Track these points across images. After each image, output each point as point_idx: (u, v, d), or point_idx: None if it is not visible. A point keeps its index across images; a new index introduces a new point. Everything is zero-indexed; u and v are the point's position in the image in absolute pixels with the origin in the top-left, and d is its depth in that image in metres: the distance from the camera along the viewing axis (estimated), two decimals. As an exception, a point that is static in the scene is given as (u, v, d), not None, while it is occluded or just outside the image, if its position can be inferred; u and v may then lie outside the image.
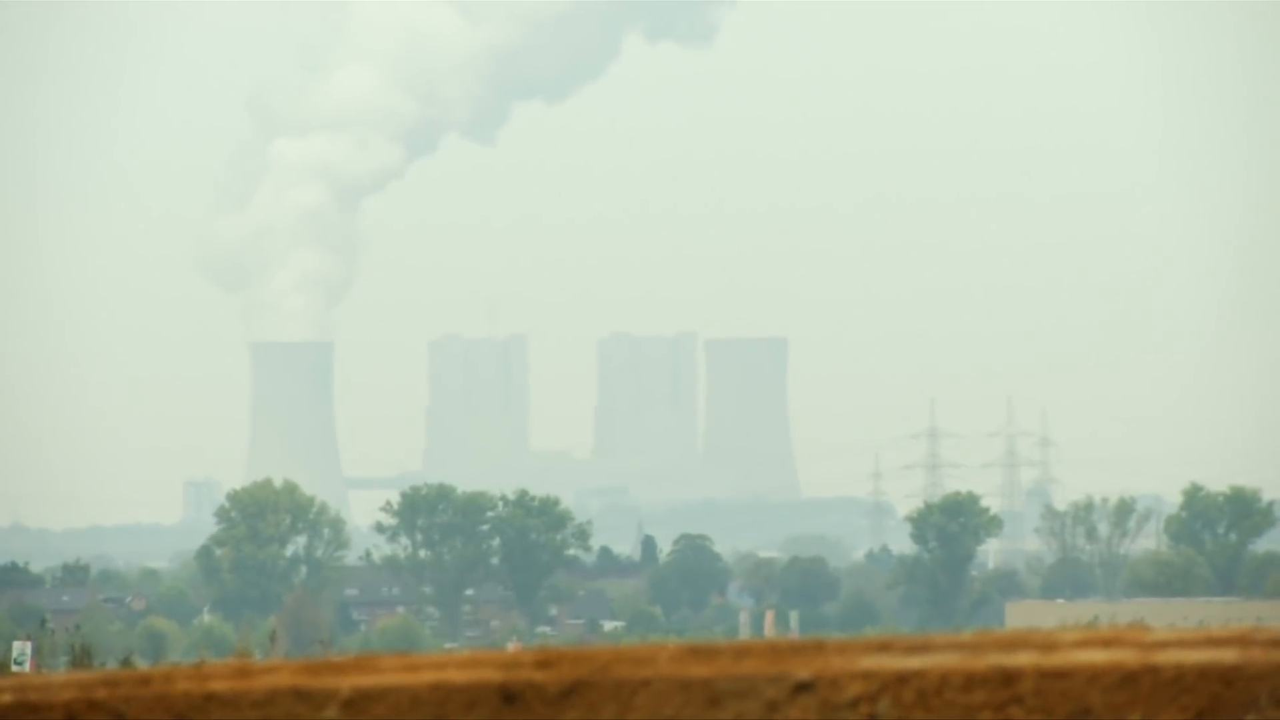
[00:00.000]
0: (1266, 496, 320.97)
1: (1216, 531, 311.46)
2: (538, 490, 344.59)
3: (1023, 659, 17.85)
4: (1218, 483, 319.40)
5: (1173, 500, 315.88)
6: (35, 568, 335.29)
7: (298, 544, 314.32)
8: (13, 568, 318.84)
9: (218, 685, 21.06)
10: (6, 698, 22.03)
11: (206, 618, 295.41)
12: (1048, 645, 19.19)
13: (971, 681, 17.26)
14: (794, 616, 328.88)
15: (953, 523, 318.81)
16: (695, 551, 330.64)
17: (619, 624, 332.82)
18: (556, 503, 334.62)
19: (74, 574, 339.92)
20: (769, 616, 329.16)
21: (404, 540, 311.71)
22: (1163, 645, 18.59)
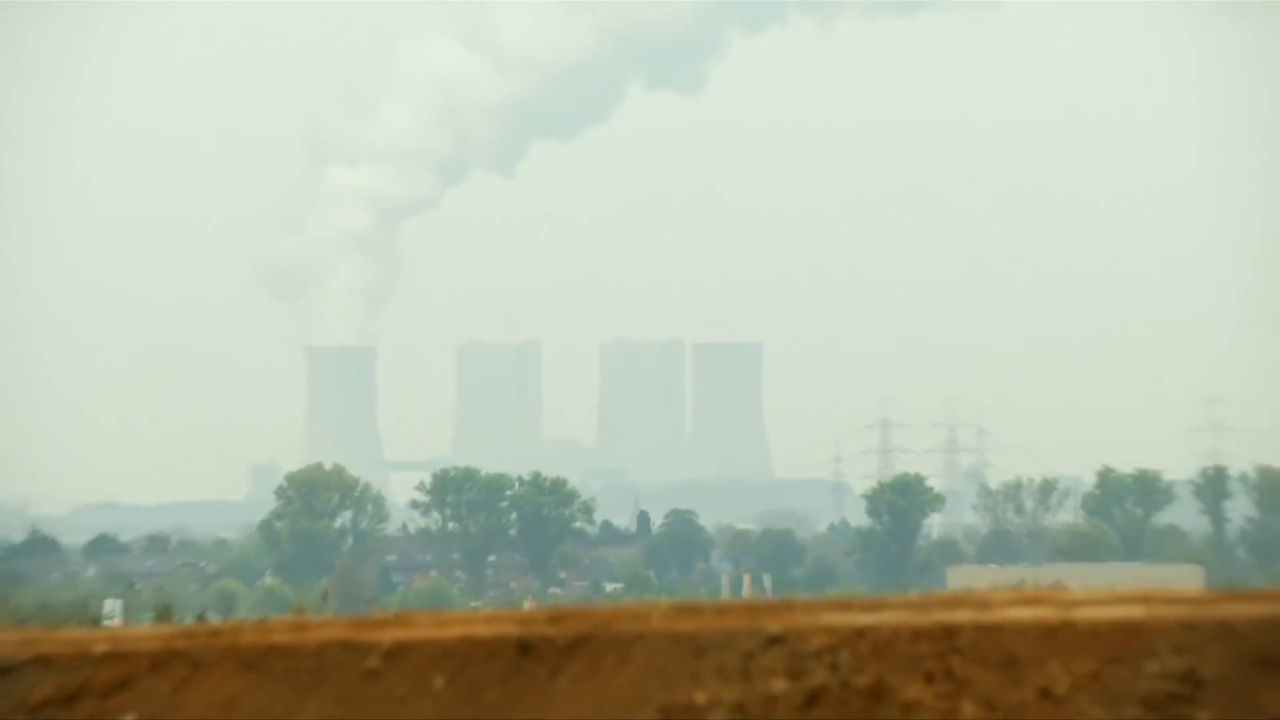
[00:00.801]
0: (1166, 478, 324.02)
1: (1124, 507, 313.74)
2: (549, 472, 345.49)
3: (961, 616, 17.91)
4: (1126, 466, 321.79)
5: (1088, 480, 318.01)
6: (124, 538, 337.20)
7: (345, 518, 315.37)
8: (104, 538, 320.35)
9: (278, 638, 21.16)
10: (101, 647, 22.16)
11: (268, 580, 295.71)
12: (982, 604, 19.28)
13: (918, 635, 17.31)
14: (767, 579, 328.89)
15: (902, 500, 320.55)
16: (683, 524, 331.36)
17: (618, 585, 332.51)
18: (565, 483, 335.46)
19: (157, 543, 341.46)
20: (745, 579, 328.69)
21: (435, 514, 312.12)
22: (1079, 604, 18.67)
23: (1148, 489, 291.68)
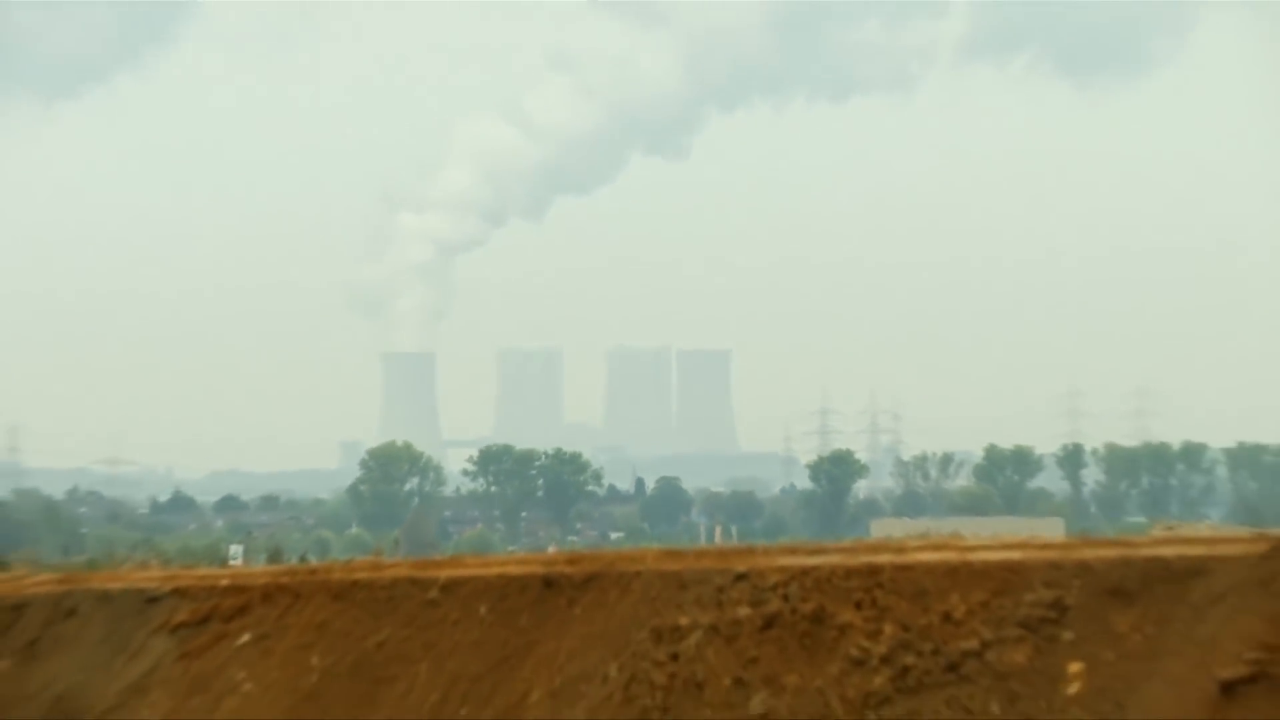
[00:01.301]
0: (1037, 452, 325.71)
1: (1005, 474, 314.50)
2: (568, 448, 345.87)
3: (882, 558, 17.96)
4: (1006, 442, 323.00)
5: (978, 453, 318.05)
6: (244, 498, 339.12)
7: (412, 483, 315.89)
8: (229, 498, 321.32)
9: (360, 575, 21.39)
10: (225, 582, 22.66)
11: (354, 530, 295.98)
12: (898, 549, 19.31)
13: (850, 573, 17.32)
14: (734, 530, 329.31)
15: (836, 469, 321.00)
16: (670, 488, 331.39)
17: (620, 534, 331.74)
18: (579, 456, 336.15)
19: (269, 502, 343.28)
20: (717, 530, 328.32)
21: (481, 480, 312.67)
22: (972, 548, 18.65)
23: (1022, 460, 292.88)
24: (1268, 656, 14.16)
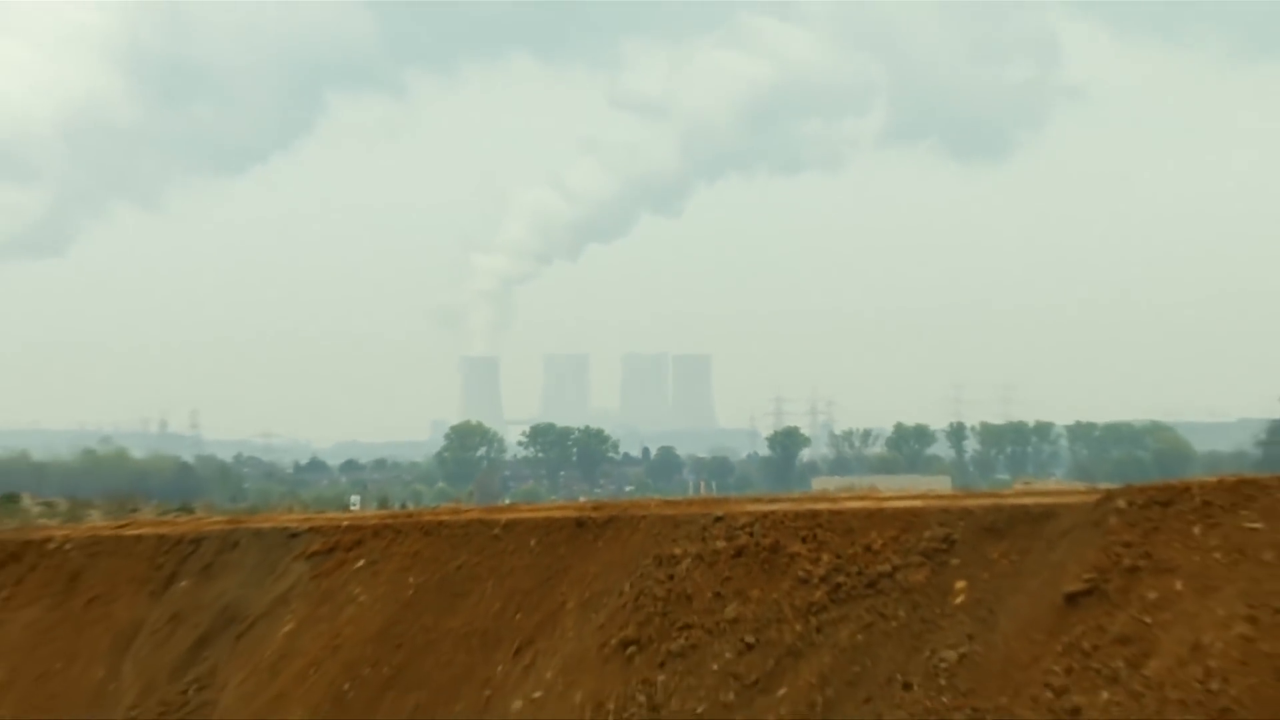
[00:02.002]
0: (932, 428, 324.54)
1: (909, 444, 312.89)
2: (594, 426, 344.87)
3: (821, 505, 18.01)
4: (909, 421, 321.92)
5: (889, 429, 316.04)
6: (361, 461, 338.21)
7: (482, 450, 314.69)
8: (351, 462, 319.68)
9: (444, 517, 21.45)
10: (346, 522, 22.76)
11: (440, 485, 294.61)
12: (832, 499, 19.32)
13: (797, 516, 17.34)
14: (714, 485, 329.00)
15: (787, 440, 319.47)
16: (667, 454, 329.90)
17: (631, 488, 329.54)
18: (602, 431, 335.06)
19: (379, 464, 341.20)
20: (702, 485, 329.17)
21: (531, 449, 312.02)
22: (885, 498, 18.72)
23: (921, 434, 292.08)
24: (1098, 575, 14.15)
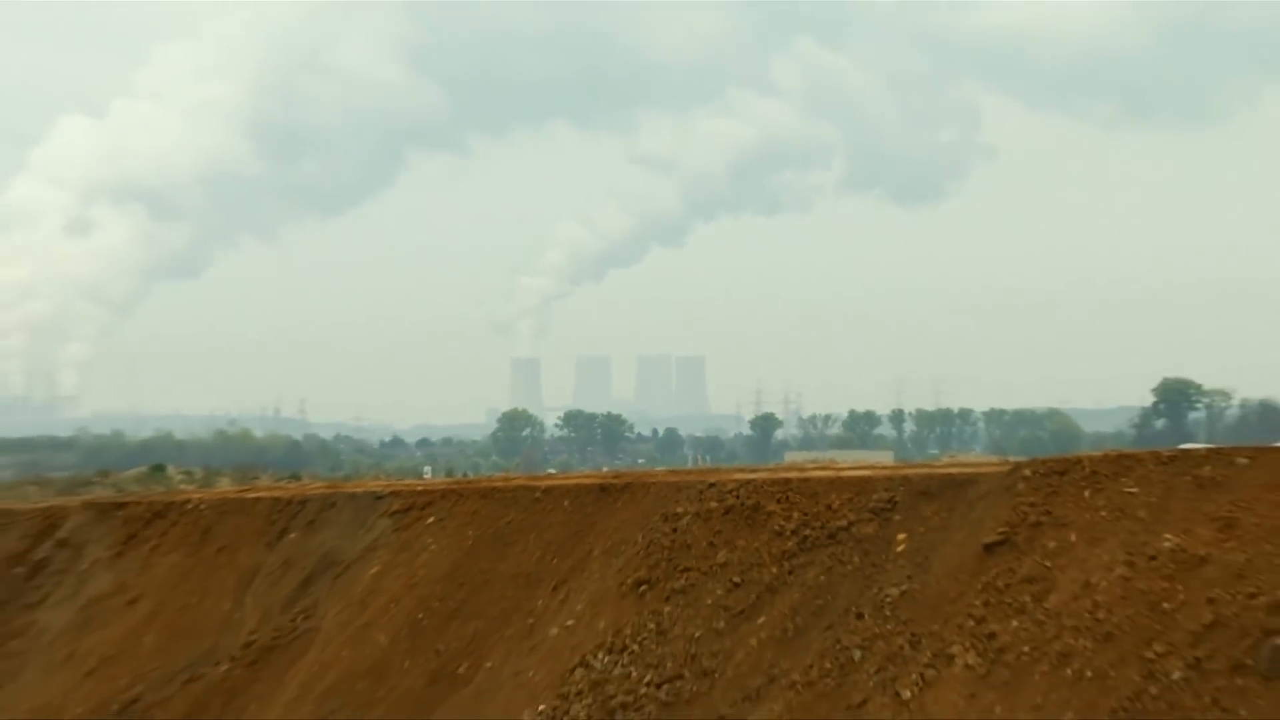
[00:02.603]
0: (878, 412, 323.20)
1: (860, 425, 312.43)
2: (615, 412, 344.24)
3: (791, 474, 18.09)
4: (860, 407, 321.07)
5: (844, 413, 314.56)
6: (433, 439, 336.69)
7: (527, 431, 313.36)
8: (425, 440, 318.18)
9: (497, 483, 21.56)
10: (419, 487, 23.16)
11: (494, 458, 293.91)
12: (800, 469, 19.41)
13: (774, 483, 17.41)
14: (708, 459, 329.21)
15: (765, 423, 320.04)
16: (672, 435, 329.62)
17: (643, 461, 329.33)
18: (620, 416, 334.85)
19: (447, 441, 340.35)
20: (699, 459, 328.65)
21: (566, 430, 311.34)
22: (842, 468, 18.76)
23: (870, 418, 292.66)
24: (1009, 529, 14.21)
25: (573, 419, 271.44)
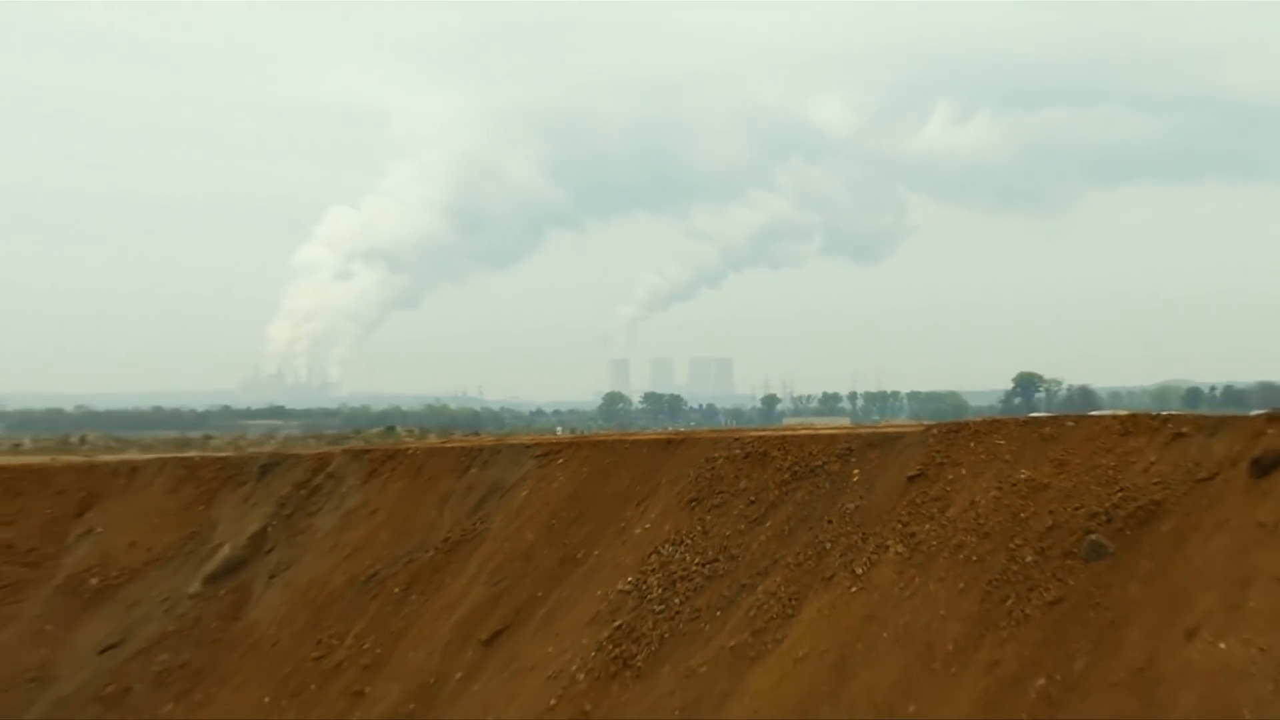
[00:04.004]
0: (840, 394, 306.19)
1: (829, 402, 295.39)
2: (676, 394, 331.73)
3: (785, 433, 17.92)
4: (830, 390, 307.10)
5: (819, 394, 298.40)
6: (562, 410, 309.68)
7: (620, 405, 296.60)
8: (557, 410, 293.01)
9: (600, 438, 21.17)
10: (568, 439, 22.43)
11: (600, 423, 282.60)
12: (792, 429, 19.20)
13: (776, 438, 17.31)
14: (734, 423, 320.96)
15: (770, 400, 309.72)
16: (711, 409, 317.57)
17: (693, 424, 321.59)
18: (679, 396, 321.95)
19: (571, 412, 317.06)
20: (728, 424, 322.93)
21: (644, 405, 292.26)
22: (819, 429, 18.57)
23: (835, 397, 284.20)
24: (923, 466, 14.18)
25: (649, 398, 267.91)
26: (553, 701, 14.96)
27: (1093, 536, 11.86)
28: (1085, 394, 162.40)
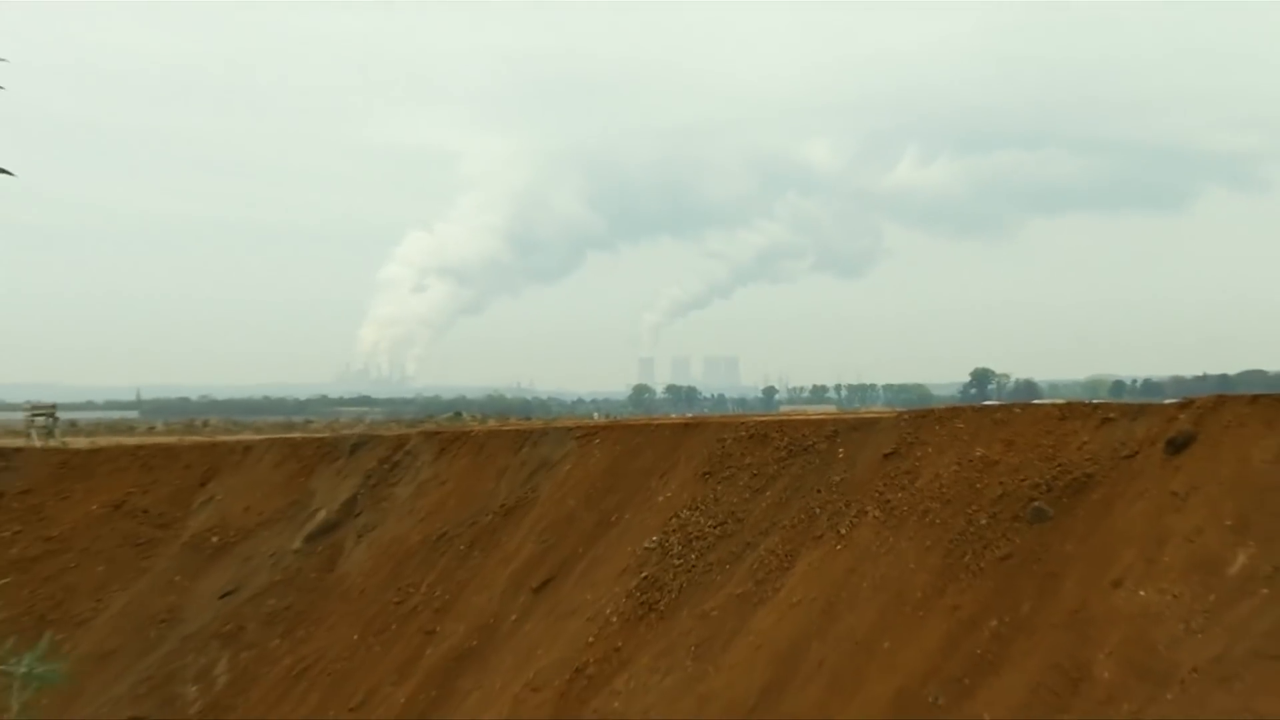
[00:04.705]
0: (827, 385, 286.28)
1: (818, 393, 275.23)
2: (694, 386, 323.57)
3: (783, 418, 17.75)
4: (818, 382, 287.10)
5: (810, 385, 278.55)
6: (598, 399, 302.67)
7: (646, 395, 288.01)
8: (595, 399, 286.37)
9: (629, 421, 21.00)
10: (603, 423, 22.09)
11: (630, 410, 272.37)
12: (789, 415, 19.02)
13: (774, 422, 17.23)
14: (740, 410, 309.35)
15: (770, 391, 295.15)
16: (722, 399, 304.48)
17: (706, 410, 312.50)
18: (694, 388, 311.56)
19: (606, 401, 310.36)
20: (735, 411, 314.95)
21: (667, 395, 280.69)
22: (811, 415, 18.44)
23: (823, 388, 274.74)
24: (897, 445, 14.17)
25: (670, 390, 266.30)
26: (590, 639, 15.03)
27: (1036, 503, 11.87)
28: (1029, 386, 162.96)
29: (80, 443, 34.94)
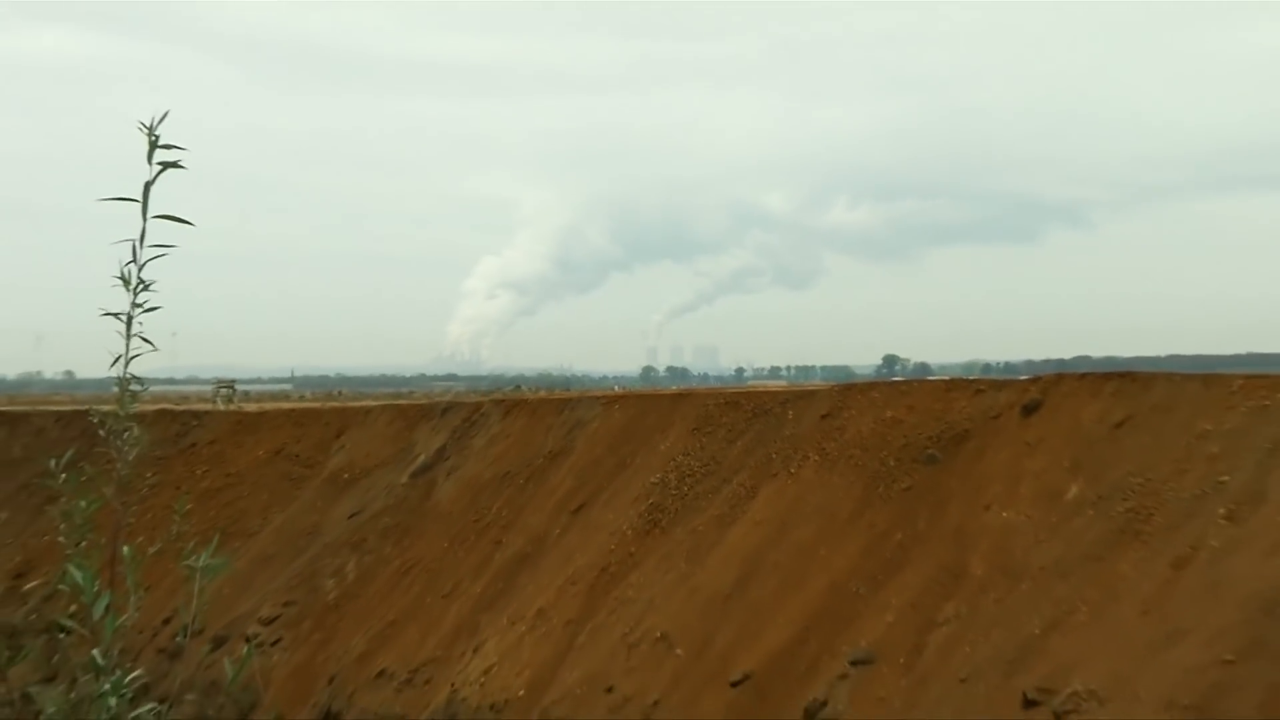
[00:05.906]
0: (782, 367, 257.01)
1: (775, 371, 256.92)
2: (689, 369, 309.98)
3: (748, 390, 17.47)
4: (775, 364, 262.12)
5: (768, 366, 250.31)
6: (619, 375, 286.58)
7: (651, 374, 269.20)
8: (617, 376, 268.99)
9: (641, 393, 20.39)
10: (619, 393, 21.08)
11: (640, 384, 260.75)
12: (753, 388, 18.76)
13: (743, 393, 17.05)
14: (720, 384, 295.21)
15: (740, 372, 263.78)
16: (705, 377, 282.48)
17: (687, 385, 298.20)
18: (686, 368, 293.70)
19: (621, 378, 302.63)
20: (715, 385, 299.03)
21: (667, 374, 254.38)
22: (770, 388, 18.08)
23: (777, 368, 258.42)
24: (831, 408, 14.12)
25: (670, 370, 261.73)
26: (612, 547, 15.16)
27: (929, 451, 11.96)
28: (924, 367, 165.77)
29: (251, 407, 35.35)
